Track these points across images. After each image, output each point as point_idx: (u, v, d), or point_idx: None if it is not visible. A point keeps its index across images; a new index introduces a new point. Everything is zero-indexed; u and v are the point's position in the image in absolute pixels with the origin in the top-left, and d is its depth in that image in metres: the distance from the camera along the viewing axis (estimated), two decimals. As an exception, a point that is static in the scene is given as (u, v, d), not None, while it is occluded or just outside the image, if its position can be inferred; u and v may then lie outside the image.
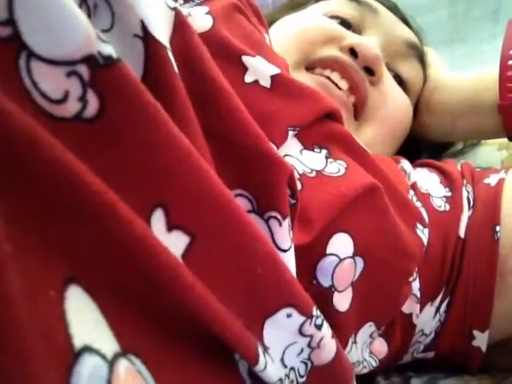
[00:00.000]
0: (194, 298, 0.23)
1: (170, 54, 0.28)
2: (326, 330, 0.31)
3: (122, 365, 0.19)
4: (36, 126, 0.19)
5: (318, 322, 0.30)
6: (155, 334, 0.23)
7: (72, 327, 0.18)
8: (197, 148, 0.26)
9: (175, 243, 0.24)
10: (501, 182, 0.48)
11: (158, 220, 0.24)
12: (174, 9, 0.30)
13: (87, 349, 0.18)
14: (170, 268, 0.22)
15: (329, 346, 0.31)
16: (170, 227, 0.24)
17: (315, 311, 0.30)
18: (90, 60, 0.22)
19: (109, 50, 0.22)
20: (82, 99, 0.22)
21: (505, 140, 0.58)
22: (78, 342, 0.18)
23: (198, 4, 0.41)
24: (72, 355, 0.18)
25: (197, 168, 0.25)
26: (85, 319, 0.19)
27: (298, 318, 0.29)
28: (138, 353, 0.21)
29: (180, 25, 0.30)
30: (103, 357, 0.19)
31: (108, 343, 0.20)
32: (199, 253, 0.25)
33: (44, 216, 0.19)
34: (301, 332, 0.30)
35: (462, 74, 0.62)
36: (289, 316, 0.28)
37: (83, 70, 0.22)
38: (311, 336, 0.30)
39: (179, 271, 0.22)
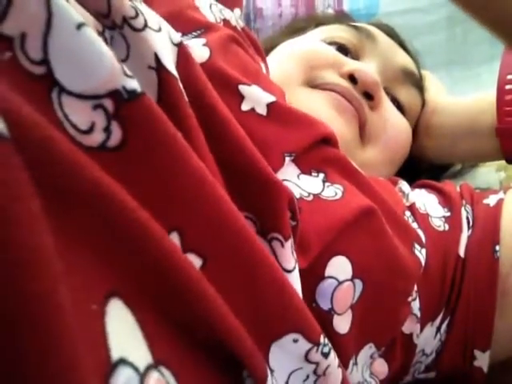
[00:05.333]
0: (215, 310, 0.24)
1: (180, 84, 0.29)
2: (333, 358, 0.32)
3: (153, 377, 0.21)
4: (76, 151, 0.21)
5: (325, 349, 0.31)
6: (183, 346, 0.24)
7: (111, 340, 0.20)
8: (211, 173, 0.28)
9: None
10: (500, 202, 0.49)
11: (175, 243, 0.25)
12: (177, 44, 0.32)
13: (122, 361, 0.20)
14: (196, 281, 0.24)
15: (335, 375, 0.32)
16: (185, 250, 0.25)
17: (323, 339, 0.30)
18: (115, 94, 0.24)
19: (133, 84, 0.24)
20: (107, 130, 0.24)
21: (503, 161, 0.59)
22: (115, 354, 0.20)
23: (196, 36, 0.43)
24: (109, 366, 0.19)
25: (213, 195, 0.26)
26: (122, 332, 0.21)
27: (304, 344, 0.29)
28: (168, 364, 0.22)
29: (182, 56, 0.32)
30: (136, 369, 0.20)
31: (142, 355, 0.21)
32: (210, 275, 0.26)
33: (90, 232, 0.21)
34: (307, 358, 0.30)
35: (459, 97, 0.63)
36: (295, 341, 0.29)
37: (108, 103, 0.24)
38: (317, 363, 0.31)
39: (203, 284, 0.24)
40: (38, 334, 0.16)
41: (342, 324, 0.37)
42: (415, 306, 0.43)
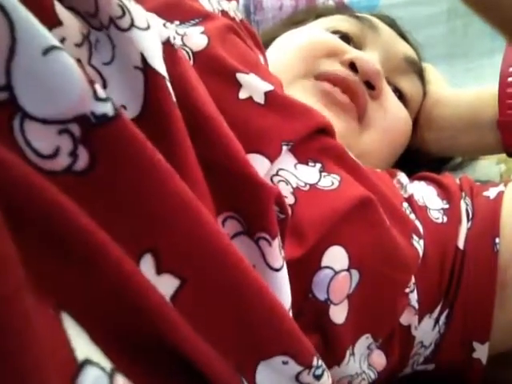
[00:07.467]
0: (178, 335, 0.24)
1: (169, 84, 0.29)
2: (327, 379, 0.32)
3: (120, 379, 0.20)
4: (32, 173, 0.21)
5: (318, 372, 0.31)
6: (141, 363, 0.24)
7: (73, 342, 0.19)
8: (193, 177, 0.27)
9: (164, 285, 0.25)
10: (500, 194, 0.48)
11: (148, 265, 0.25)
12: (164, 42, 0.31)
13: (88, 362, 0.19)
14: (156, 305, 0.23)
15: None
16: (160, 271, 0.25)
17: (316, 361, 0.30)
18: (82, 119, 0.23)
19: (105, 108, 0.24)
20: (73, 154, 0.23)
21: (503, 154, 0.59)
22: (81, 355, 0.19)
23: (193, 25, 0.43)
24: (75, 366, 0.19)
25: (194, 215, 0.26)
26: (81, 337, 0.21)
27: (294, 367, 0.29)
28: (127, 376, 0.22)
29: (169, 54, 0.31)
30: (103, 369, 0.20)
31: (103, 360, 0.21)
32: (189, 295, 0.26)
33: (42, 250, 0.21)
34: (297, 379, 0.30)
35: (461, 90, 0.63)
36: (285, 363, 0.29)
37: (75, 128, 0.23)
38: None
39: (164, 309, 0.24)
40: (1, 334, 0.16)
41: (339, 314, 0.36)
42: (413, 297, 0.43)
